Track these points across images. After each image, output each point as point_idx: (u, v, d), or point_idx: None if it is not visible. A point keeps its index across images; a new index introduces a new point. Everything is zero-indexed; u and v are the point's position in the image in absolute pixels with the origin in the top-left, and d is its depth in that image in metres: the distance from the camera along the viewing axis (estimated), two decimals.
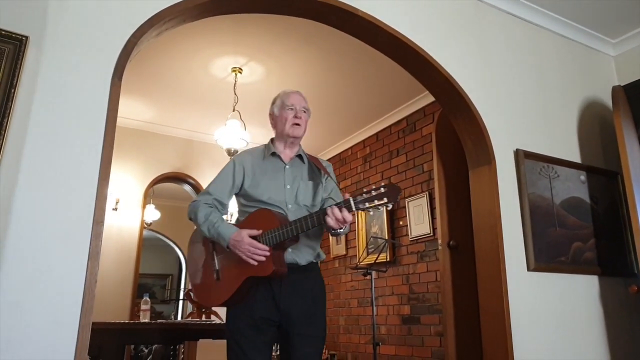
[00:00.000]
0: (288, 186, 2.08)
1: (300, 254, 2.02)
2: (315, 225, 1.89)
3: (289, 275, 1.95)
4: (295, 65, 4.33)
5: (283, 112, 2.15)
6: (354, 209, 1.84)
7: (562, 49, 3.60)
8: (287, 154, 2.17)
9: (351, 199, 1.84)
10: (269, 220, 1.95)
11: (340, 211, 1.84)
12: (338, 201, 1.90)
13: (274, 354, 2.12)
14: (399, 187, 1.80)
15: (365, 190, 1.85)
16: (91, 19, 2.01)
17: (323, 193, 2.15)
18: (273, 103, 2.23)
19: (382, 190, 1.80)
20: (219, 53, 4.14)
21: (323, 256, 2.15)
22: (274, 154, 2.15)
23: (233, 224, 2.08)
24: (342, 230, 1.93)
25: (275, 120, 2.20)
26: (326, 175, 2.15)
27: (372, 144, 5.58)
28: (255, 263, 1.90)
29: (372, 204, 1.81)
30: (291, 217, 1.98)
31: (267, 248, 1.90)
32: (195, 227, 2.18)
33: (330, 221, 1.84)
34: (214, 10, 2.39)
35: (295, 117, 2.14)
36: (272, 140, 2.24)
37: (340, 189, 2.00)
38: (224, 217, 2.13)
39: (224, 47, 4.06)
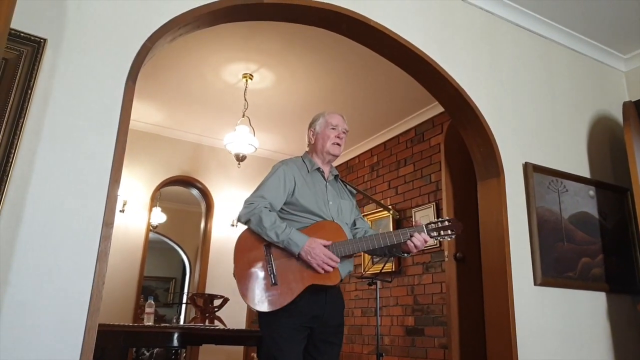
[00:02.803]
0: (330, 202, 2.19)
1: (343, 269, 2.11)
2: (394, 244, 2.08)
3: (331, 288, 2.10)
4: (305, 72, 4.35)
5: (326, 131, 2.26)
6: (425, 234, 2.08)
7: (573, 63, 3.60)
8: (326, 171, 2.28)
9: (424, 225, 2.08)
10: (338, 233, 2.08)
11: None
12: (410, 227, 2.11)
13: None
14: (461, 223, 2.08)
15: (433, 220, 2.11)
16: (108, 24, 2.04)
17: (355, 213, 2.33)
18: (315, 121, 2.33)
19: (447, 223, 2.09)
20: (230, 59, 4.17)
21: (351, 273, 2.28)
22: (318, 169, 2.25)
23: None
24: (406, 254, 2.18)
25: (316, 137, 2.29)
26: (355, 194, 2.34)
27: (379, 152, 5.58)
28: (322, 272, 1.99)
29: (439, 233, 2.08)
30: None
31: (338, 260, 2.01)
32: (245, 229, 2.16)
33: (417, 241, 2.06)
34: (227, 17, 2.42)
35: (338, 137, 2.25)
36: (307, 154, 2.32)
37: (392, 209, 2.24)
38: None
39: (236, 53, 4.09)
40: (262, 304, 2.01)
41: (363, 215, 2.46)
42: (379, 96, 4.69)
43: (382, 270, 4.38)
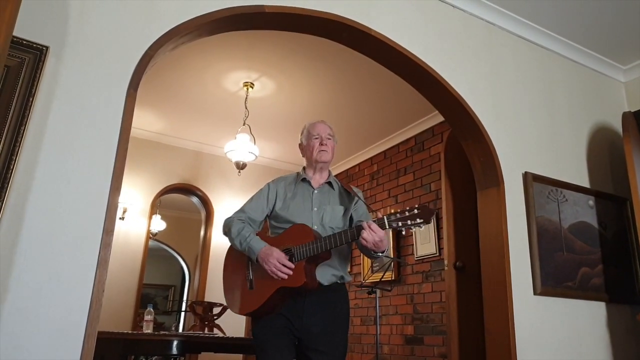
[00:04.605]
0: (315, 209, 2.21)
1: (323, 274, 2.10)
2: (349, 240, 1.99)
3: (313, 294, 2.07)
4: (306, 81, 4.37)
5: (310, 141, 2.31)
6: (387, 227, 1.95)
7: (573, 73, 3.62)
8: (316, 179, 2.31)
9: (385, 217, 1.96)
10: (305, 235, 2.06)
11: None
12: (372, 221, 1.99)
13: None
14: (432, 208, 1.90)
15: (399, 210, 1.96)
16: (110, 32, 2.05)
17: (355, 217, 2.26)
18: (301, 134, 2.39)
19: (416, 211, 1.92)
20: (231, 67, 4.19)
21: (348, 278, 2.23)
22: (304, 179, 2.30)
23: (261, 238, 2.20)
24: (379, 253, 2.05)
25: (303, 149, 2.37)
26: (356, 200, 2.28)
27: (379, 161, 5.59)
28: (279, 278, 2.01)
29: (405, 223, 1.93)
30: None
31: (292, 266, 2.01)
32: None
33: (365, 234, 1.93)
34: (229, 26, 2.43)
35: (321, 144, 2.28)
36: (303, 168, 2.38)
37: (373, 211, 2.09)
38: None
39: (237, 62, 4.11)
40: (238, 307, 2.18)
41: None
42: (379, 105, 4.71)
43: (382, 279, 4.38)
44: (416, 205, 1.94)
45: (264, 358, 2.05)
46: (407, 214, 1.92)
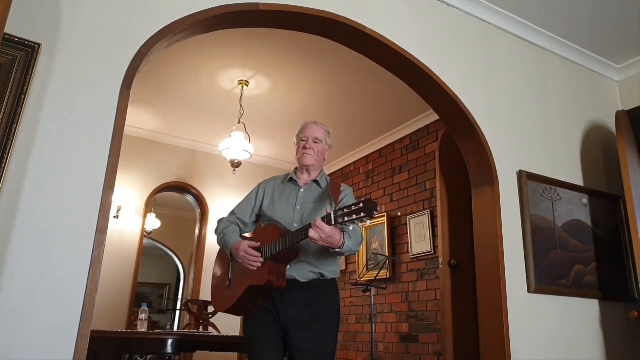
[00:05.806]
0: (298, 207, 2.23)
1: (299, 271, 2.13)
2: (303, 238, 1.98)
3: (291, 291, 2.09)
4: (301, 79, 4.36)
5: (298, 143, 2.36)
6: (333, 223, 1.92)
7: (567, 72, 3.63)
8: (304, 179, 2.34)
9: (332, 213, 1.93)
10: (273, 234, 2.11)
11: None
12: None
13: None
14: (375, 202, 1.86)
15: (346, 205, 1.93)
16: (103, 29, 2.04)
17: None
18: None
19: (361, 205, 1.86)
20: (226, 65, 4.18)
21: (331, 275, 2.21)
22: (291, 179, 2.35)
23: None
24: (337, 250, 2.02)
25: (295, 149, 2.40)
26: (342, 198, 2.27)
27: (375, 160, 5.60)
28: (253, 268, 2.08)
29: (350, 218, 1.87)
30: None
31: (258, 254, 2.07)
32: None
33: (311, 232, 1.93)
34: (224, 24, 2.42)
35: (304, 147, 2.30)
36: (295, 168, 2.42)
37: None
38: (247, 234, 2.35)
39: (232, 60, 4.10)
40: (219, 305, 2.29)
41: None
42: (375, 103, 4.71)
43: (377, 277, 4.38)
44: (362, 199, 1.89)
45: (250, 354, 2.11)
46: (353, 208, 1.87)
